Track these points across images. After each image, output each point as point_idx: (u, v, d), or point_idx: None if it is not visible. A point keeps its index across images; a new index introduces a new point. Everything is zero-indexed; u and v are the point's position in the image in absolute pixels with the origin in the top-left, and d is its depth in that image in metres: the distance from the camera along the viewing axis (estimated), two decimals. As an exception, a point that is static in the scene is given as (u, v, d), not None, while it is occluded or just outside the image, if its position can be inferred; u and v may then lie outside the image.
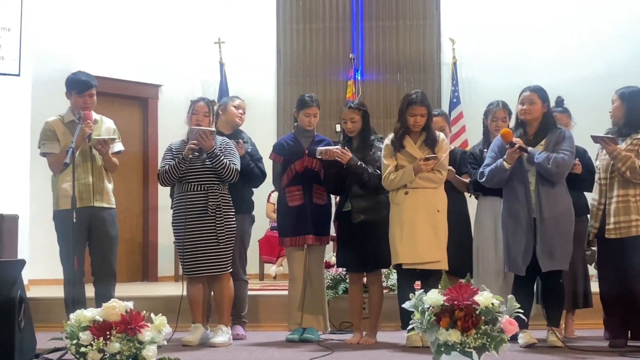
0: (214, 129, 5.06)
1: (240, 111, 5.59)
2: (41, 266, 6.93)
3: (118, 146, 5.30)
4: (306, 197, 5.35)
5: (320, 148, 5.21)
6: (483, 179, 4.94)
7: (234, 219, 5.13)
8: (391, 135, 5.06)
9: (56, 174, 5.11)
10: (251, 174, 5.43)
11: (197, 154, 5.03)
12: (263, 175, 5.55)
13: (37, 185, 7.05)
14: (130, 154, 7.40)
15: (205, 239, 5.01)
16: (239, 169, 5.10)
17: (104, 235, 5.13)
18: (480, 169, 5.00)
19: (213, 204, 5.01)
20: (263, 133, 8.06)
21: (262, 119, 9.02)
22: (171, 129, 8.04)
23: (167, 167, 5.09)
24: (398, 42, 9.33)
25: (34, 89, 7.36)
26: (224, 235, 5.02)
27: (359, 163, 5.13)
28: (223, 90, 8.83)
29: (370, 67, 9.30)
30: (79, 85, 5.11)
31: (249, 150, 5.50)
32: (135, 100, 8.80)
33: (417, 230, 4.87)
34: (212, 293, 5.27)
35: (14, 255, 5.87)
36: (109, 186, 5.21)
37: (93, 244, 5.12)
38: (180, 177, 5.08)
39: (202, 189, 5.05)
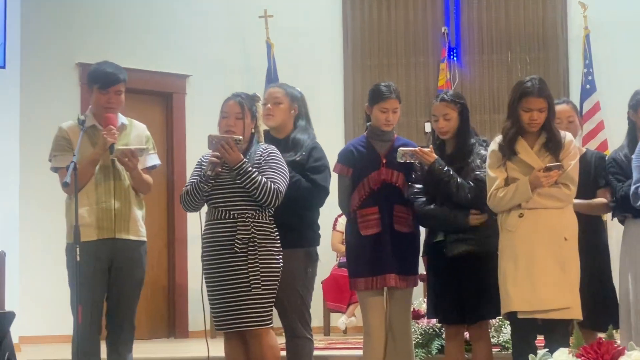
0: (240, 136, 5.05)
1: (268, 106, 5.50)
2: (35, 319, 7.09)
3: (152, 159, 5.39)
4: (385, 223, 5.36)
5: (402, 149, 5.23)
6: (639, 203, 4.89)
7: (276, 257, 5.12)
8: (499, 138, 5.05)
9: (71, 196, 5.22)
10: (296, 189, 5.31)
11: (219, 169, 5.08)
12: (318, 189, 5.43)
13: (30, 212, 7.21)
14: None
15: (235, 283, 5.03)
16: (282, 189, 5.09)
17: (127, 278, 5.20)
18: (633, 187, 4.93)
19: (243, 237, 5.02)
20: (325, 136, 8.08)
21: (324, 118, 9.03)
22: (203, 134, 8.14)
23: (189, 186, 5.17)
24: (508, 9, 9.29)
25: (24, 84, 7.56)
26: (257, 279, 5.01)
27: (445, 168, 5.16)
28: (271, 79, 8.92)
29: (470, 45, 9.27)
30: (103, 79, 5.23)
31: (297, 158, 5.44)
32: (155, 97, 8.96)
33: (537, 265, 4.83)
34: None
35: (0, 306, 6.01)
36: (139, 213, 5.28)
37: (112, 289, 5.20)
38: (206, 200, 5.14)
39: (231, 216, 5.07)
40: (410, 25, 9.40)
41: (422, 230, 5.59)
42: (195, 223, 5.17)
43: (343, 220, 7.55)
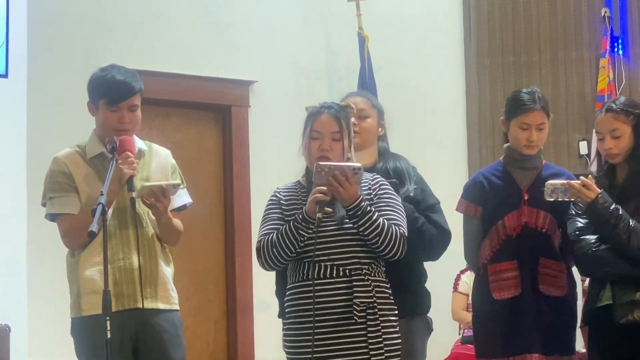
0: (359, 164, 4.95)
1: (352, 121, 5.34)
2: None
3: (181, 197, 5.36)
4: (526, 283, 5.39)
5: (550, 183, 5.21)
6: None
7: (396, 328, 5.10)
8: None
9: (75, 252, 5.23)
10: (421, 237, 5.35)
11: (329, 209, 5.05)
12: (445, 235, 5.44)
13: (41, 272, 7.29)
14: (202, 208, 7.58)
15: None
16: (406, 233, 5.05)
17: (161, 360, 5.25)
18: None
19: (362, 302, 4.98)
20: (442, 162, 8.08)
21: (440, 136, 9.05)
22: (272, 160, 8.20)
23: (273, 235, 5.09)
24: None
25: (32, 97, 7.67)
26: (380, 358, 4.98)
27: (612, 207, 5.11)
28: (365, 84, 8.89)
29: (641, 33, 9.21)
30: (110, 91, 5.17)
31: (411, 193, 5.43)
32: (207, 111, 9.01)
33: None
34: None
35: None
36: (168, 272, 5.26)
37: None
38: (299, 253, 5.10)
39: (342, 274, 5.01)
40: (557, 8, 9.30)
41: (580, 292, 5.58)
42: (264, 284, 5.13)
43: (468, 278, 7.54)
